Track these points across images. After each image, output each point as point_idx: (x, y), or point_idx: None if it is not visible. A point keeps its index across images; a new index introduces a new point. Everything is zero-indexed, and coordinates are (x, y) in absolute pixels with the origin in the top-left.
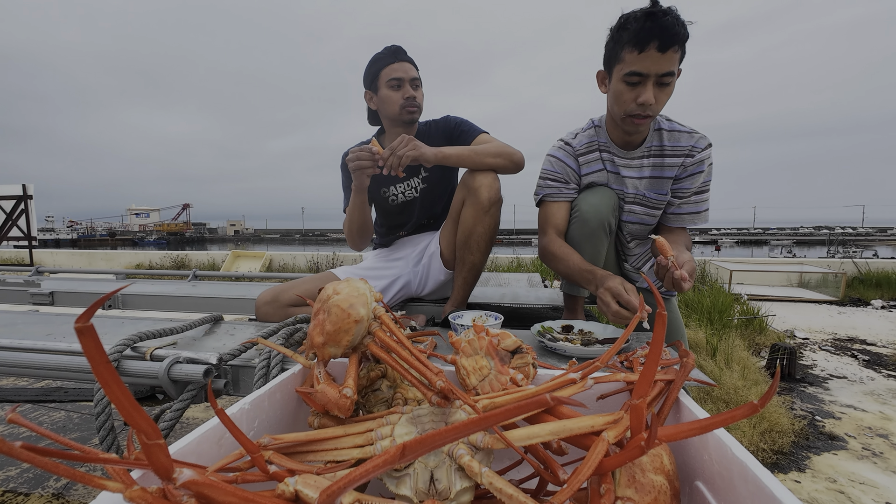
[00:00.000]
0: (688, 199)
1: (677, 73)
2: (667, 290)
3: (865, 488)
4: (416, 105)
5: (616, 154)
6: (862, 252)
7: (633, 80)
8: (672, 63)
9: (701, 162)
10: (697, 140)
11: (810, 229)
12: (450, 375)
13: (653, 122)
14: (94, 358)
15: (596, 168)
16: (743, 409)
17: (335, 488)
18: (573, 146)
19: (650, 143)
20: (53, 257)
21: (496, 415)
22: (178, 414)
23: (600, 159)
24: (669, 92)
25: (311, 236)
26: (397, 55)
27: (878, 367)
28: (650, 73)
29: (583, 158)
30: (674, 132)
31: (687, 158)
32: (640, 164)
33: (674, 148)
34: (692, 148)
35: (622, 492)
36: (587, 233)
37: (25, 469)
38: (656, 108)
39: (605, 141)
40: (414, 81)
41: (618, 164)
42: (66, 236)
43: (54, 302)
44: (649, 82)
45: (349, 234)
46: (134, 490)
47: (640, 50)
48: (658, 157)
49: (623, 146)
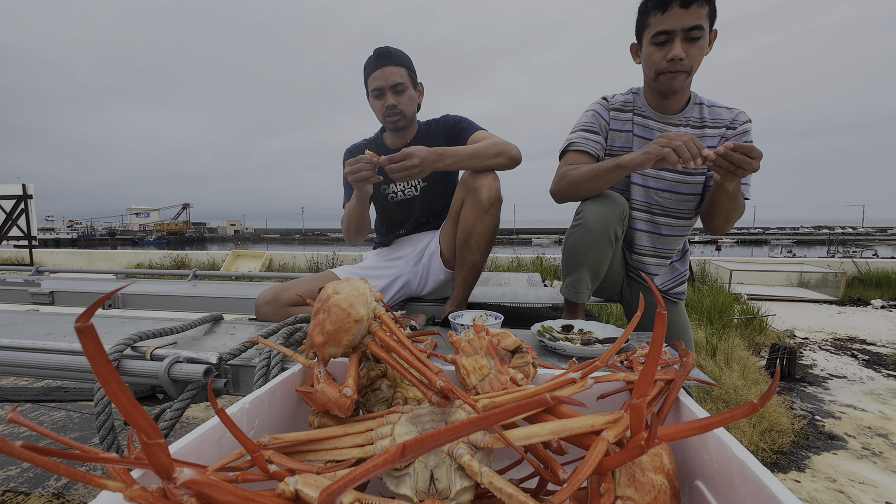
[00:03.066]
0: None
1: (711, 33)
2: (731, 171)
3: (865, 488)
4: (396, 113)
5: (652, 118)
6: (862, 252)
7: (660, 40)
8: (698, 17)
9: (745, 133)
10: (738, 114)
11: (810, 229)
12: (450, 375)
13: (693, 95)
14: (94, 357)
15: (624, 128)
16: (743, 408)
17: (335, 487)
18: (609, 101)
19: (690, 113)
20: (53, 257)
21: (496, 414)
22: (179, 413)
23: (631, 121)
24: (702, 47)
25: (311, 236)
26: (380, 61)
27: (878, 367)
28: (675, 29)
29: (615, 114)
30: (714, 107)
31: (728, 130)
32: (676, 130)
33: (714, 120)
34: (733, 120)
35: (622, 491)
36: (591, 242)
37: (26, 468)
38: (688, 63)
39: (642, 106)
40: (396, 87)
41: (653, 128)
42: (66, 236)
43: (54, 301)
44: (676, 38)
45: (346, 230)
46: (134, 489)
47: (664, 10)
48: (698, 129)
49: (661, 111)
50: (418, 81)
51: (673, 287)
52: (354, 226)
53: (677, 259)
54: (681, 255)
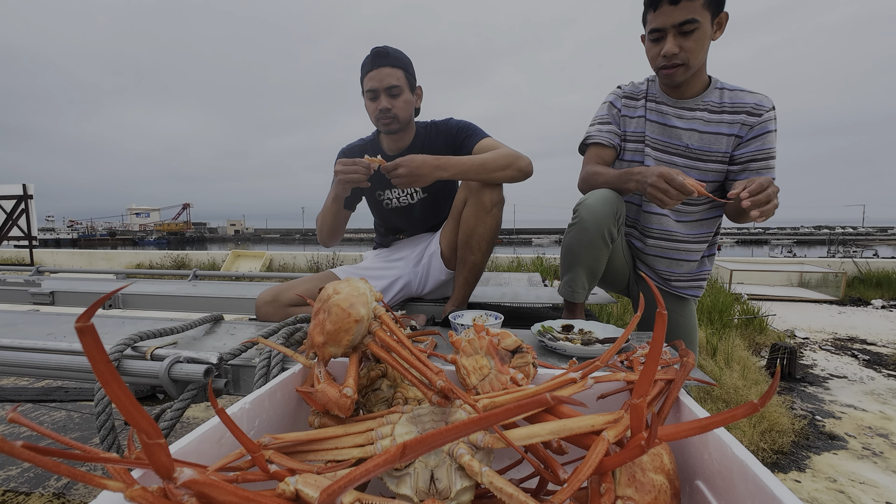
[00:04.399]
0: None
1: (720, 17)
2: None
3: (865, 488)
4: (389, 117)
5: (666, 103)
6: (862, 251)
7: (655, 37)
8: (689, 10)
9: (768, 121)
10: (761, 99)
11: (810, 229)
12: (450, 375)
13: (713, 80)
14: (94, 357)
15: (636, 114)
16: (743, 408)
17: (335, 487)
18: (623, 89)
19: (708, 97)
20: (54, 257)
21: (496, 414)
22: (179, 413)
23: (644, 107)
24: (699, 38)
25: (311, 236)
26: (376, 61)
27: (879, 367)
28: (666, 26)
29: (626, 101)
30: (735, 91)
31: (748, 116)
32: (692, 115)
33: (734, 104)
34: (756, 105)
35: (622, 491)
36: (585, 241)
37: (26, 468)
38: (685, 56)
39: (656, 92)
40: (391, 90)
41: (667, 112)
42: (67, 236)
43: (55, 301)
44: (669, 34)
45: (319, 231)
46: (135, 489)
47: (655, 8)
48: (715, 113)
49: (675, 96)
50: (417, 84)
51: (691, 280)
52: (328, 227)
53: (707, 254)
54: (710, 251)
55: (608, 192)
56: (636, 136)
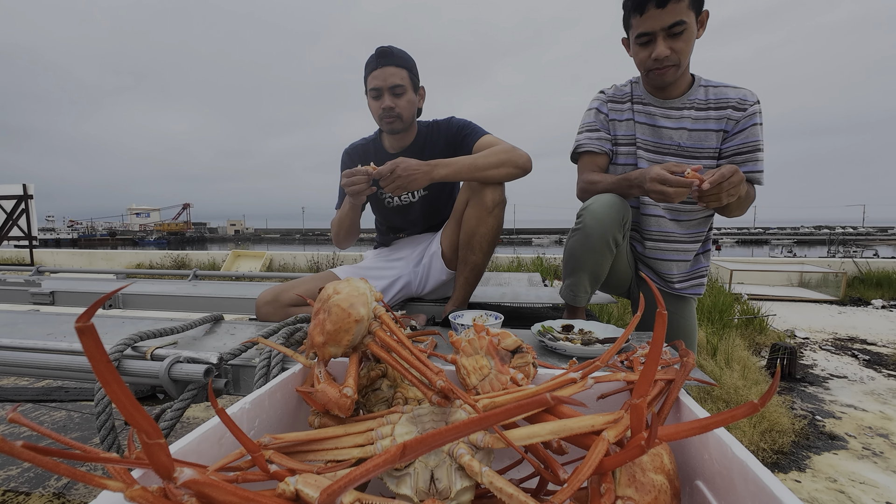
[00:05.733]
0: (749, 154)
1: (702, 15)
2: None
3: (866, 488)
4: (393, 116)
5: (653, 104)
6: (862, 252)
7: (643, 41)
8: (676, 13)
9: (753, 115)
10: (745, 94)
11: (811, 229)
12: (450, 375)
13: (696, 78)
14: (94, 357)
15: (623, 118)
16: (743, 408)
17: (336, 487)
18: (606, 93)
19: (693, 95)
20: (54, 257)
21: (496, 414)
22: (179, 413)
23: (631, 110)
24: (687, 38)
25: (311, 236)
26: (381, 60)
27: (879, 367)
28: (655, 30)
29: (612, 105)
30: (720, 87)
31: (734, 111)
32: (679, 114)
33: (718, 101)
34: (740, 100)
35: (622, 491)
36: (589, 247)
37: (26, 468)
38: (675, 57)
39: (641, 93)
40: (395, 89)
41: (654, 113)
42: (67, 236)
43: (55, 301)
44: (658, 38)
45: (336, 235)
46: (135, 489)
47: (642, 12)
48: (702, 111)
49: (660, 97)
50: (420, 85)
51: (690, 279)
52: (345, 231)
53: (702, 251)
54: (704, 247)
55: (614, 198)
56: (627, 140)
